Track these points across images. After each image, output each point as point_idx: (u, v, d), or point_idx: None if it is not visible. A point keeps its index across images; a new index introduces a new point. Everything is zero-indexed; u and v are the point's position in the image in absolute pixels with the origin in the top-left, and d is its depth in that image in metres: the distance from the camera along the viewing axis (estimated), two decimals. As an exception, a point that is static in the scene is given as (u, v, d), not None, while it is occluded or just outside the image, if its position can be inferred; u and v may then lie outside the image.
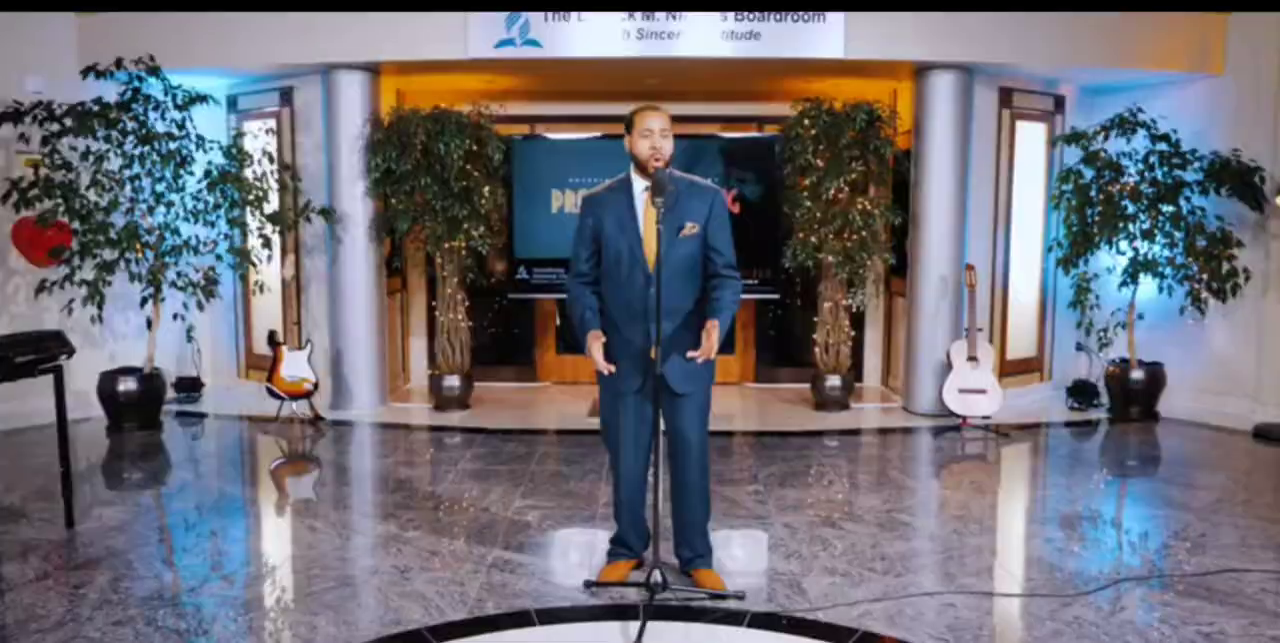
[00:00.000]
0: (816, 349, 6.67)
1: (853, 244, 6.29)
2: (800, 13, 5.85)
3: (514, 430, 6.05)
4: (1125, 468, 5.49)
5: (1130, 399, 6.42)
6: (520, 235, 6.34)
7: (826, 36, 5.87)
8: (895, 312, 7.04)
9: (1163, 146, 6.03)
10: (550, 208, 6.31)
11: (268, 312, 6.80)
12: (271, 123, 6.67)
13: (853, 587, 3.53)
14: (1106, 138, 6.18)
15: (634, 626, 3.14)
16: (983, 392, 5.92)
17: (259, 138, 6.51)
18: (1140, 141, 6.12)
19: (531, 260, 6.34)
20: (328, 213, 6.29)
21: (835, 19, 5.85)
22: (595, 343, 3.31)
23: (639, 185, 3.38)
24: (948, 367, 6.03)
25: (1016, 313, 6.91)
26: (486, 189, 6.18)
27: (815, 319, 6.72)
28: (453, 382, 6.55)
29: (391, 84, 6.67)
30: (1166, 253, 6.03)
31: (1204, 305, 6.12)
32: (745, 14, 5.82)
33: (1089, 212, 6.14)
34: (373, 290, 6.51)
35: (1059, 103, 6.95)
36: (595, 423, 6.16)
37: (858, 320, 7.08)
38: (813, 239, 6.34)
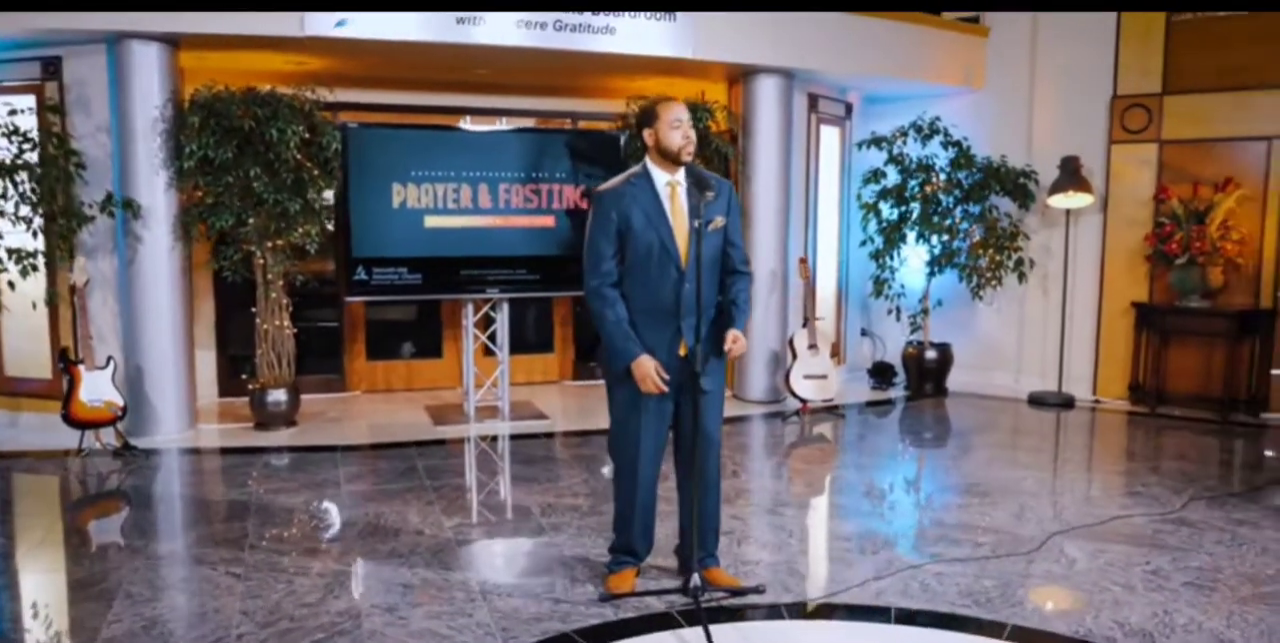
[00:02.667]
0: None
1: (695, 240, 6.46)
2: (648, 11, 5.91)
3: (370, 446, 5.56)
4: (964, 438, 6.08)
5: (924, 377, 7.20)
6: (358, 233, 5.80)
7: (675, 36, 5.99)
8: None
9: (954, 152, 6.81)
10: (391, 203, 5.82)
11: (20, 328, 5.70)
12: (29, 100, 5.55)
13: (846, 568, 3.68)
14: (905, 142, 6.87)
15: (689, 633, 3.07)
16: (824, 377, 6.36)
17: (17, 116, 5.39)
18: (933, 147, 6.86)
19: (371, 260, 5.83)
20: (132, 206, 5.36)
21: (685, 20, 5.98)
22: (649, 366, 3.17)
23: (661, 178, 3.27)
24: (792, 356, 6.39)
25: (820, 303, 7.47)
26: (322, 181, 5.60)
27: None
28: (278, 397, 5.86)
29: (183, 60, 5.81)
30: (965, 245, 6.84)
31: (983, 293, 7.00)
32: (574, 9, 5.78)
33: (902, 209, 6.79)
34: (178, 296, 5.66)
35: (849, 110, 7.61)
36: (447, 432, 5.85)
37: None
38: (657, 235, 6.44)
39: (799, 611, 3.28)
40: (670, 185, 3.27)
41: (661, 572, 3.59)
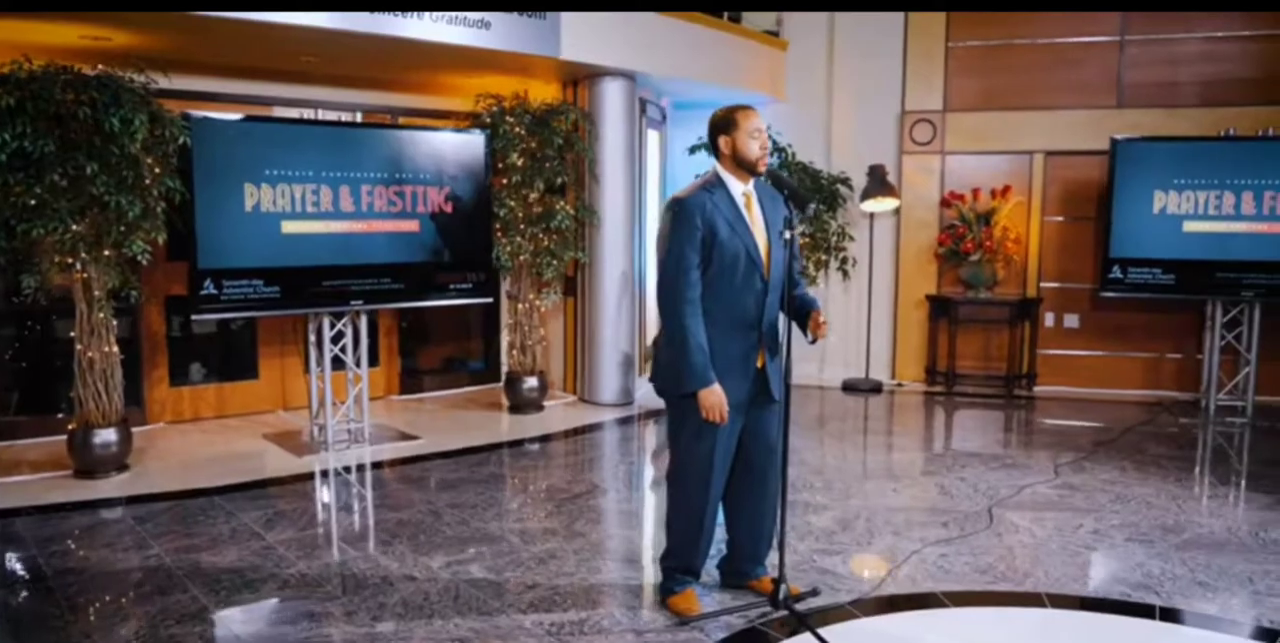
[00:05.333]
0: (514, 352, 6.53)
1: (555, 243, 6.32)
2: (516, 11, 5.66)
3: (243, 486, 4.84)
4: (823, 426, 6.45)
5: (750, 370, 7.60)
6: (206, 240, 4.97)
7: (537, 34, 5.79)
8: (579, 308, 7.09)
9: (779, 158, 7.24)
10: (243, 206, 5.06)
11: None
12: None
13: (858, 560, 3.86)
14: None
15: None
16: (688, 376, 6.49)
17: None
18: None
19: (221, 271, 5.03)
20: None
21: (552, 18, 5.80)
22: (721, 396, 3.12)
23: (736, 187, 3.22)
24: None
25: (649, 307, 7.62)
26: (168, 180, 4.76)
27: (509, 321, 6.57)
28: (107, 437, 4.90)
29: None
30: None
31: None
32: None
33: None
34: (-28, 322, 4.54)
35: (664, 115, 7.79)
36: (315, 463, 5.28)
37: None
38: (518, 239, 6.22)
39: (868, 607, 3.40)
40: (745, 195, 3.23)
41: (706, 586, 3.53)
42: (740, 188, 3.23)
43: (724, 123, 3.22)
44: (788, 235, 3.12)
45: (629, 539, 4.12)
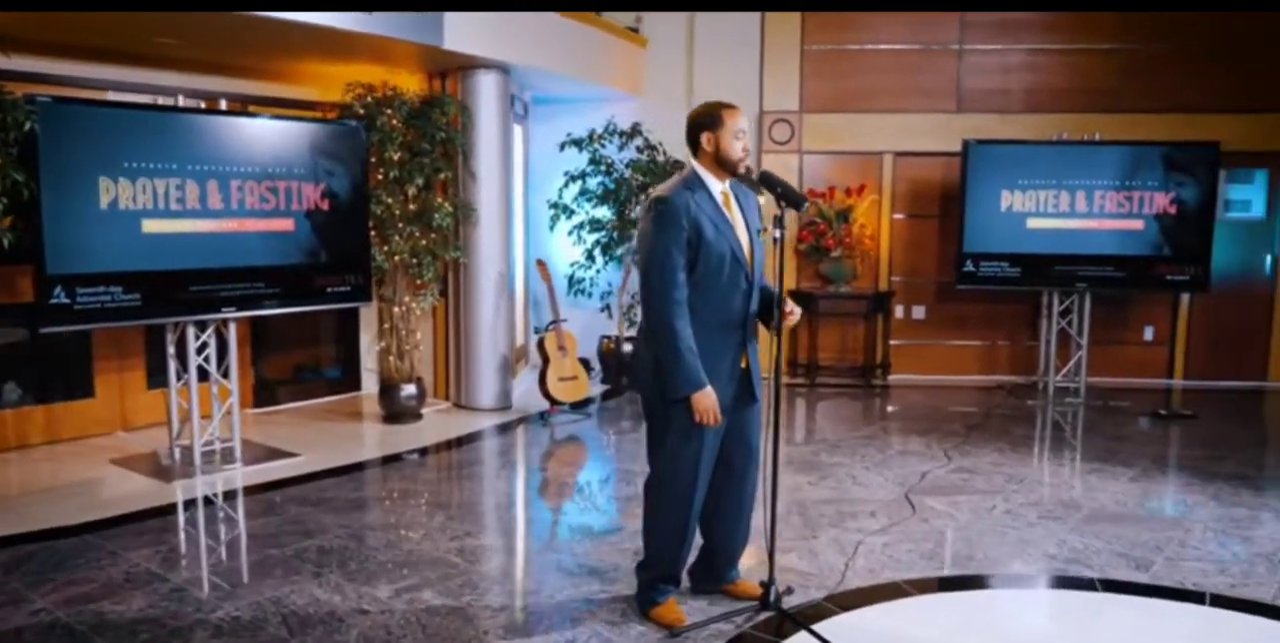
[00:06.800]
0: (391, 357, 6.15)
1: (433, 243, 6.01)
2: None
3: (121, 518, 4.26)
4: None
5: (622, 369, 7.53)
6: (54, 242, 4.31)
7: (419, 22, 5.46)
8: (453, 310, 6.73)
9: (649, 155, 7.22)
10: (99, 202, 4.43)
11: None
12: None
13: (814, 554, 3.90)
14: (603, 145, 7.11)
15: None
16: (575, 378, 6.36)
17: None
18: (630, 152, 7.21)
19: (74, 277, 4.39)
20: None
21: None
22: (713, 399, 3.05)
23: (715, 186, 3.14)
24: (544, 359, 6.27)
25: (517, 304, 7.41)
26: (12, 172, 4.11)
27: (385, 326, 6.17)
28: (-63, 473, 4.19)
29: None
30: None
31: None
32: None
33: (613, 209, 7.02)
34: None
35: (526, 109, 7.58)
36: (193, 488, 4.80)
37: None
38: (395, 238, 5.86)
39: (844, 602, 3.43)
40: (723, 194, 3.17)
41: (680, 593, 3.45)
42: (719, 187, 3.17)
43: (708, 119, 3.14)
44: (777, 234, 3.08)
45: (577, 550, 3.96)
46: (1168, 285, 6.98)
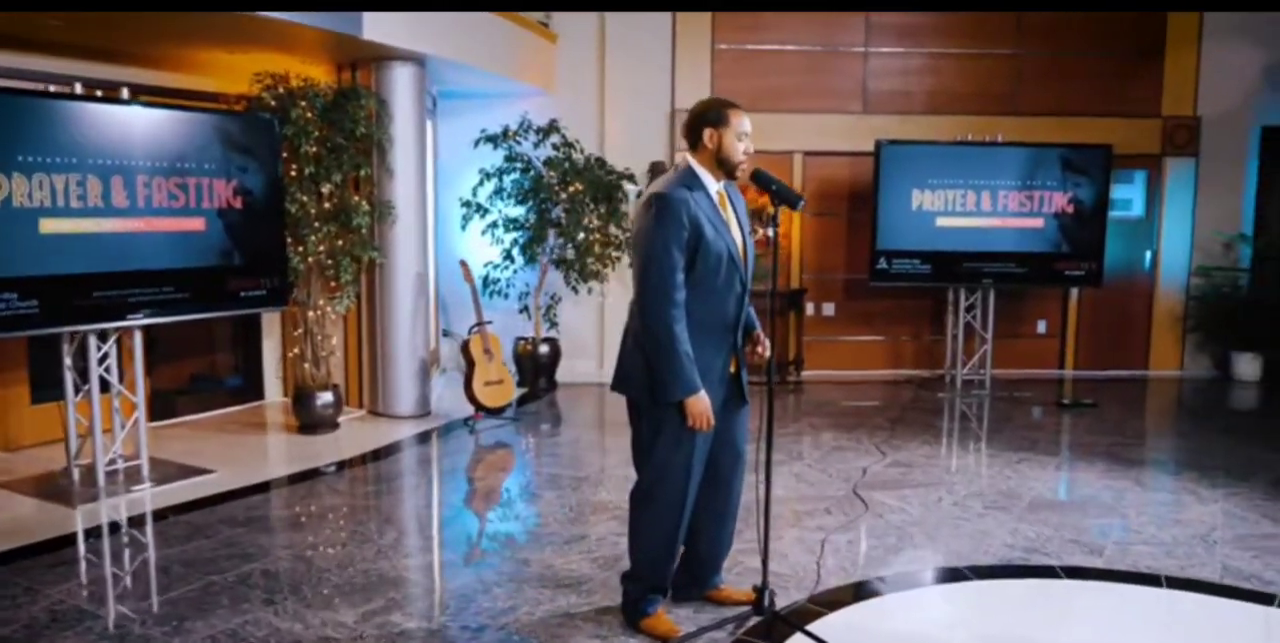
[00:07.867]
0: (306, 364, 5.80)
1: (351, 243, 5.71)
2: None
3: (35, 548, 3.85)
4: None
5: (539, 371, 7.38)
6: (-60, 244, 3.85)
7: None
8: (368, 313, 6.38)
9: (566, 152, 7.07)
10: (-10, 199, 3.99)
11: None
12: None
13: (790, 553, 3.88)
14: (519, 142, 6.93)
15: (794, 646, 3.05)
16: (501, 382, 6.16)
17: None
18: (545, 149, 7.04)
19: (-37, 283, 3.93)
20: None
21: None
22: (707, 403, 2.99)
23: (712, 185, 3.06)
24: (469, 363, 6.05)
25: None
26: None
27: (298, 331, 5.82)
28: None
29: None
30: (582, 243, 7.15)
31: (581, 286, 7.40)
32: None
33: (531, 207, 6.85)
34: None
35: (435, 103, 7.31)
36: (100, 512, 4.42)
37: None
38: (311, 238, 5.53)
39: (826, 601, 3.41)
40: (719, 193, 3.09)
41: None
42: (715, 186, 3.09)
43: (714, 115, 3.04)
44: (770, 233, 3.02)
45: (543, 561, 3.80)
46: (1066, 280, 7.34)
